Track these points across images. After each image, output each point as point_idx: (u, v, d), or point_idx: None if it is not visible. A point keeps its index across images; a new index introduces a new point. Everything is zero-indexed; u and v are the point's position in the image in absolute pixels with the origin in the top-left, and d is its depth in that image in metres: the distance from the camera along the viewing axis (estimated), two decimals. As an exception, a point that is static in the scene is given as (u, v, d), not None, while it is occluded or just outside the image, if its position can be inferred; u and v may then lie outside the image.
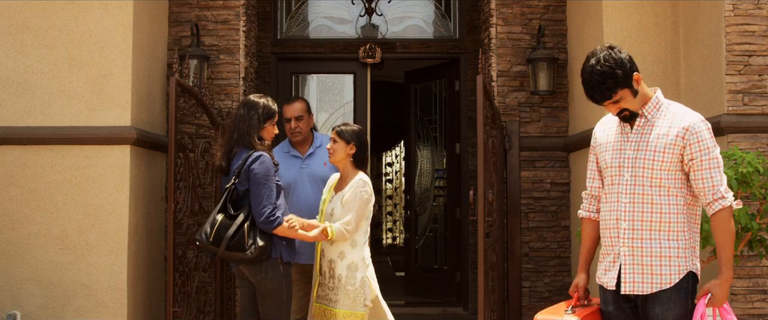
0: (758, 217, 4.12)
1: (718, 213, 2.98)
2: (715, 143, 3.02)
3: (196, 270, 5.20)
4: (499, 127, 5.70)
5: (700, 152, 2.98)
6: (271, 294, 3.91)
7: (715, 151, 3.01)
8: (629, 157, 3.08)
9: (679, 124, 3.02)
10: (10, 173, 4.97)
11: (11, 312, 4.82)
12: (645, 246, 3.03)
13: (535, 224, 5.91)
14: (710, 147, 2.99)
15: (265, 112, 4.03)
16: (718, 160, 3.00)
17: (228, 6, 5.89)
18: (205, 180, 5.31)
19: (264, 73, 7.11)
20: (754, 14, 4.66)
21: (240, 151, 3.96)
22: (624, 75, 3.00)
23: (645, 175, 3.04)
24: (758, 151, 4.54)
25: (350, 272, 4.04)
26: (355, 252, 4.09)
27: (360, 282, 4.05)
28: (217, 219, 3.85)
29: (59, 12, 5.05)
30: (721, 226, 2.98)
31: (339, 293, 4.05)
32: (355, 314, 4.03)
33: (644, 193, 3.04)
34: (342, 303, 4.04)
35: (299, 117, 4.75)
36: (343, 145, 4.15)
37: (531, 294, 5.88)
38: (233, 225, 3.81)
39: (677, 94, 5.23)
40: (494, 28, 6.00)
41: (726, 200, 2.96)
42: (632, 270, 3.04)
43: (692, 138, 2.99)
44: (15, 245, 4.93)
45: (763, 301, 4.54)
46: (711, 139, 3.00)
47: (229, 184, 3.91)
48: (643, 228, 3.03)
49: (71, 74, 5.03)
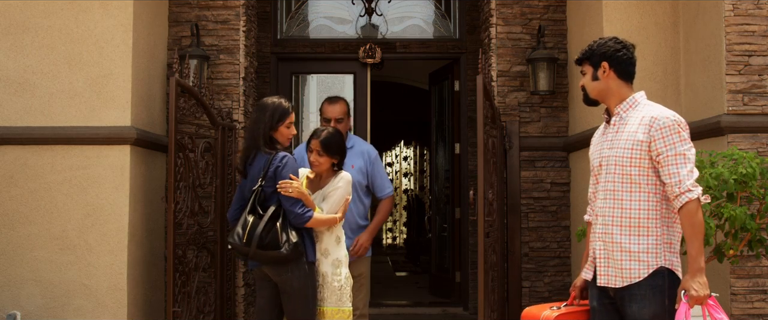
0: (758, 217, 4.12)
1: (684, 207, 2.99)
2: (683, 138, 3.03)
3: (196, 270, 5.20)
4: (499, 127, 5.70)
5: (665, 147, 3.02)
6: (297, 294, 3.92)
7: (682, 146, 3.02)
8: (605, 155, 3.17)
9: (646, 120, 3.08)
10: (10, 173, 4.97)
11: (11, 312, 4.82)
12: (615, 242, 3.09)
13: (535, 224, 5.91)
14: (676, 142, 3.02)
15: (274, 113, 4.01)
16: (686, 155, 3.01)
17: (228, 6, 5.89)
18: (205, 180, 5.31)
19: (264, 73, 7.11)
20: (754, 14, 4.66)
21: (257, 153, 3.97)
22: (595, 54, 3.19)
23: (616, 172, 3.11)
24: (758, 151, 4.54)
25: (335, 269, 4.09)
26: (339, 249, 4.15)
27: (344, 277, 4.10)
28: (249, 221, 3.86)
29: (59, 12, 5.05)
30: (687, 219, 2.99)
31: (325, 291, 4.09)
32: (342, 310, 4.07)
33: (615, 190, 3.11)
34: (328, 300, 4.08)
35: (340, 119, 4.70)
36: (328, 159, 4.18)
37: (531, 294, 5.88)
38: (262, 224, 3.82)
39: (677, 94, 5.23)
40: (494, 28, 6.00)
41: (692, 193, 2.97)
42: (606, 264, 3.12)
43: (657, 134, 3.03)
44: (15, 245, 4.93)
45: (763, 301, 4.54)
46: (677, 135, 3.03)
47: (257, 187, 3.92)
48: (612, 224, 3.11)
49: (71, 74, 5.03)
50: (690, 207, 2.98)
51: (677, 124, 3.04)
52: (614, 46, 3.18)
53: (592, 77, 3.22)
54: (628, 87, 3.21)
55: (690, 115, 5.11)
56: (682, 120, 3.09)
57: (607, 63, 3.18)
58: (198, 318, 5.19)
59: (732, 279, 4.54)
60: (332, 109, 4.73)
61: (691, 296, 2.94)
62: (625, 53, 3.18)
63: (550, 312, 3.25)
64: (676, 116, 3.08)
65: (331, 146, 4.17)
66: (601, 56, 3.19)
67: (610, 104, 3.22)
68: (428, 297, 8.38)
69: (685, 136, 3.05)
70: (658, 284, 3.03)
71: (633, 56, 3.22)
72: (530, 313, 3.34)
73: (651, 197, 3.06)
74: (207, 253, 5.35)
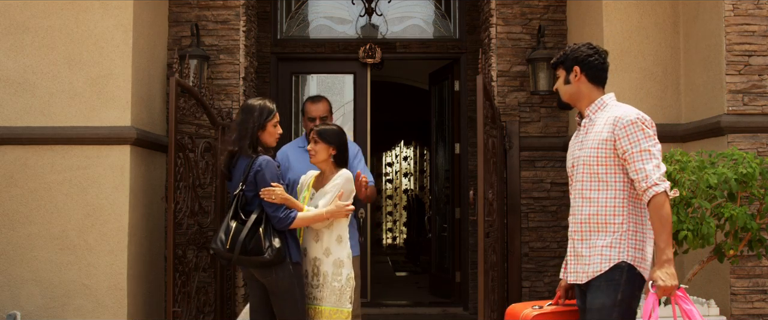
0: (758, 217, 4.12)
1: (652, 200, 3.03)
2: (647, 135, 3.08)
3: (196, 270, 5.20)
4: (499, 127, 5.70)
5: (630, 145, 3.08)
6: (284, 294, 3.93)
7: (647, 142, 3.07)
8: (576, 156, 3.25)
9: (610, 120, 3.15)
10: (10, 173, 4.97)
11: (11, 312, 4.81)
12: (584, 239, 3.16)
13: (535, 224, 5.91)
14: (640, 139, 3.07)
15: (262, 112, 4.02)
16: (651, 151, 3.06)
17: (228, 6, 5.89)
18: (205, 181, 5.31)
19: (264, 73, 7.11)
20: (754, 14, 4.66)
21: (241, 156, 3.97)
22: (568, 58, 3.29)
23: (585, 172, 3.18)
24: (758, 151, 4.54)
25: (336, 268, 4.05)
26: (341, 249, 4.10)
27: (346, 278, 4.07)
28: (232, 226, 3.86)
29: (59, 12, 5.05)
30: (654, 212, 3.03)
31: (324, 290, 4.05)
32: (340, 311, 4.04)
33: (584, 189, 3.19)
34: (327, 300, 4.05)
35: (324, 117, 4.76)
36: (325, 146, 4.16)
37: (531, 294, 5.88)
38: (245, 230, 3.83)
39: (677, 94, 5.23)
40: (494, 28, 6.00)
41: (659, 187, 3.02)
42: (575, 261, 3.20)
43: (621, 132, 3.10)
44: (15, 245, 4.93)
45: (763, 301, 4.54)
46: (641, 132, 3.08)
47: (238, 191, 3.92)
48: (582, 222, 3.18)
49: (71, 74, 5.03)
50: (657, 200, 3.01)
51: (641, 122, 3.10)
52: (586, 52, 3.27)
53: (565, 81, 3.32)
54: (599, 91, 3.29)
55: (690, 115, 5.11)
56: (647, 118, 3.14)
57: (578, 67, 3.27)
58: (198, 318, 5.19)
59: (732, 279, 4.54)
60: (315, 107, 4.77)
61: (658, 287, 2.98)
62: (596, 58, 3.27)
63: (530, 311, 3.32)
64: (640, 114, 3.13)
65: (327, 133, 4.16)
66: (573, 61, 3.28)
67: (581, 107, 3.31)
68: (428, 297, 8.38)
69: (650, 133, 3.10)
70: (614, 277, 3.08)
71: (605, 62, 3.30)
72: (513, 311, 3.41)
73: (618, 194, 3.12)
74: (207, 253, 5.35)
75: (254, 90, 6.34)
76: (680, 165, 4.11)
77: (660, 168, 3.06)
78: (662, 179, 3.03)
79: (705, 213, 4.00)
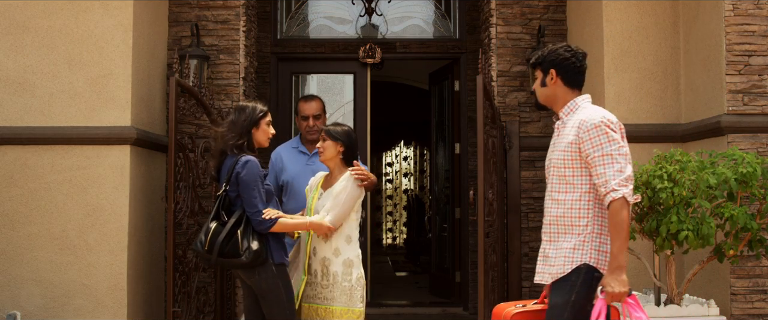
0: (758, 217, 4.12)
1: (610, 206, 3.04)
2: (611, 138, 3.07)
3: (196, 270, 5.20)
4: (499, 127, 5.70)
5: (592, 148, 3.08)
6: (269, 295, 3.92)
7: (610, 146, 3.06)
8: (549, 159, 3.28)
9: (576, 123, 3.15)
10: (10, 173, 4.97)
11: (11, 312, 4.81)
12: (552, 240, 3.20)
13: (535, 224, 5.91)
14: (603, 142, 3.06)
15: (254, 110, 4.02)
16: (613, 155, 3.05)
17: (228, 6, 5.89)
18: (205, 181, 5.31)
19: (264, 73, 7.11)
20: (754, 14, 4.66)
21: (228, 156, 3.96)
22: (545, 61, 3.27)
23: (556, 174, 3.21)
24: (758, 151, 4.54)
25: (346, 268, 4.04)
26: (351, 249, 4.09)
27: (356, 278, 4.06)
28: (211, 227, 3.87)
29: (59, 12, 5.05)
30: (611, 218, 3.04)
31: (334, 290, 4.04)
32: (352, 311, 4.03)
33: (553, 191, 3.22)
34: (338, 300, 4.03)
35: (317, 116, 4.77)
36: (332, 144, 4.17)
37: (531, 294, 5.87)
38: (224, 232, 3.82)
39: (677, 94, 5.23)
40: (494, 28, 6.00)
41: (617, 193, 3.01)
42: (544, 261, 3.23)
43: (585, 135, 3.10)
44: (15, 245, 4.93)
45: (763, 301, 4.54)
46: (605, 135, 3.07)
47: (221, 191, 3.92)
48: (549, 223, 3.23)
49: (71, 74, 5.03)
50: (614, 206, 3.02)
51: (604, 125, 3.08)
52: (563, 55, 3.26)
53: (541, 83, 3.32)
54: (574, 93, 3.28)
55: (690, 115, 5.11)
56: (613, 120, 3.13)
57: (554, 70, 3.26)
58: (198, 318, 5.19)
59: (732, 279, 4.54)
60: (308, 106, 4.78)
61: (607, 293, 3.00)
62: (573, 62, 3.25)
63: (512, 309, 3.36)
64: (605, 117, 3.12)
65: (335, 131, 4.18)
66: (550, 63, 3.27)
67: (557, 109, 3.31)
68: (428, 297, 8.38)
69: (614, 136, 3.08)
70: (571, 279, 3.11)
71: (582, 64, 3.28)
72: (499, 310, 3.45)
73: (583, 197, 3.13)
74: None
75: (254, 90, 6.34)
76: (680, 166, 4.11)
77: (623, 172, 3.04)
78: (623, 184, 3.02)
79: (705, 213, 4.00)
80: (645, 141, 5.14)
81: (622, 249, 3.01)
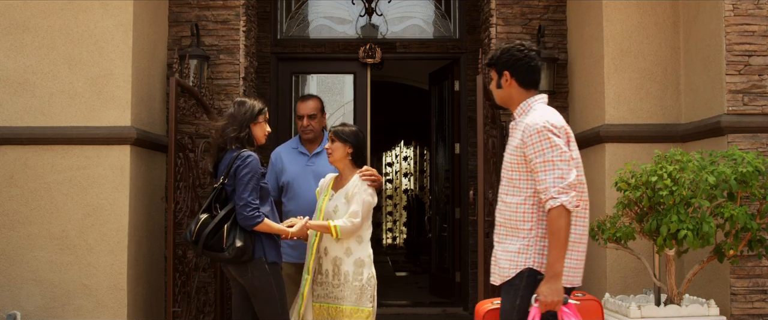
0: (758, 217, 4.12)
1: (548, 213, 3.02)
2: (553, 144, 3.04)
3: (196, 270, 5.20)
4: (499, 127, 5.70)
5: (534, 154, 3.06)
6: (261, 293, 3.92)
7: (552, 152, 3.03)
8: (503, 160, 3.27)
9: (522, 126, 3.14)
10: (10, 173, 4.97)
11: (11, 312, 4.82)
12: (500, 242, 3.21)
13: (535, 224, 5.90)
14: (545, 148, 3.03)
15: (253, 106, 4.04)
16: (554, 162, 3.02)
17: (228, 6, 5.89)
18: (205, 181, 5.31)
19: (264, 73, 7.11)
20: (754, 14, 4.66)
21: (228, 151, 3.96)
22: (498, 62, 3.25)
23: (505, 176, 3.21)
24: (758, 151, 4.54)
25: (357, 268, 4.07)
26: (362, 249, 4.12)
27: (367, 278, 4.07)
28: (200, 219, 3.87)
29: (59, 12, 5.05)
30: (549, 225, 3.02)
31: (345, 289, 4.06)
32: (361, 310, 4.04)
33: (502, 193, 3.23)
34: (348, 299, 4.06)
35: (312, 115, 4.76)
36: (341, 145, 4.20)
37: (531, 294, 5.87)
38: (211, 224, 3.82)
39: (677, 94, 5.23)
40: (494, 28, 6.00)
41: (556, 200, 2.98)
42: (494, 262, 3.23)
43: (528, 140, 3.08)
44: (15, 245, 4.93)
45: (763, 301, 4.54)
46: (547, 141, 3.04)
47: (218, 184, 3.92)
48: (499, 225, 3.23)
49: (71, 74, 5.03)
50: (552, 214, 3.00)
51: (547, 130, 3.05)
52: (516, 55, 3.22)
53: (497, 85, 3.29)
54: (529, 94, 3.25)
55: (690, 115, 5.11)
56: (558, 125, 3.09)
57: (508, 72, 3.23)
58: (198, 318, 5.19)
59: (732, 279, 4.54)
60: (304, 105, 4.78)
61: (540, 302, 2.98)
62: (527, 62, 3.22)
63: (488, 305, 3.46)
64: (548, 122, 3.08)
65: (343, 132, 4.21)
66: (503, 65, 3.24)
67: (512, 110, 3.29)
68: (428, 297, 8.38)
69: (557, 142, 3.04)
70: (515, 283, 3.11)
71: (535, 64, 3.25)
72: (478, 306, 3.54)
73: (528, 200, 3.12)
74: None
75: (254, 90, 6.34)
76: (680, 165, 4.11)
77: (564, 179, 3.00)
78: (563, 191, 2.99)
79: (705, 213, 4.00)
80: (645, 141, 5.14)
81: (558, 257, 2.98)
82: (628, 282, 5.09)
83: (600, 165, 5.24)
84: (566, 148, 3.06)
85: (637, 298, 4.63)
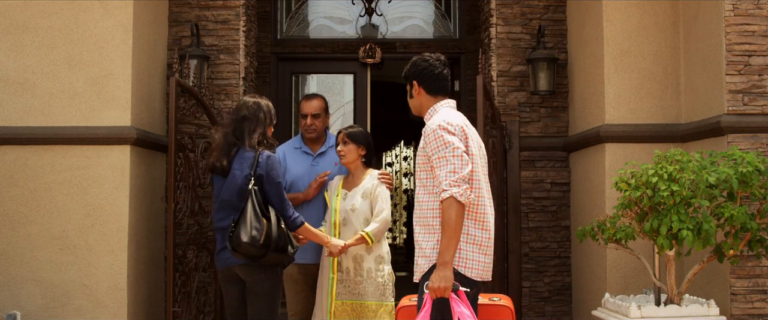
0: (758, 217, 4.12)
1: (440, 204, 3.16)
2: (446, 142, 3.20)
3: (196, 270, 5.20)
4: (499, 127, 5.70)
5: (432, 152, 3.24)
6: (266, 296, 3.90)
7: (445, 149, 3.19)
8: None
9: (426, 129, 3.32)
10: (10, 173, 4.97)
11: (11, 312, 4.82)
12: (417, 240, 3.33)
13: (535, 224, 5.91)
14: (440, 146, 3.21)
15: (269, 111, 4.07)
16: (446, 157, 3.18)
17: (228, 6, 5.89)
18: (205, 181, 5.31)
19: (264, 73, 7.11)
20: (754, 14, 4.66)
21: (241, 149, 3.93)
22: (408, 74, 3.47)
23: (418, 176, 3.36)
24: (758, 151, 4.54)
25: (377, 264, 4.24)
26: (381, 246, 4.28)
27: (387, 274, 4.24)
28: (264, 223, 3.79)
29: (59, 12, 5.05)
30: (441, 215, 3.17)
31: (368, 286, 4.20)
32: (384, 305, 4.18)
33: (417, 193, 3.36)
34: (371, 295, 4.20)
35: (316, 114, 4.75)
36: (355, 147, 4.37)
37: (531, 294, 5.88)
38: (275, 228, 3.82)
39: (677, 94, 5.23)
40: (494, 28, 6.00)
41: (446, 192, 3.14)
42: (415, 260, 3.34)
43: (427, 140, 3.27)
44: (15, 245, 4.93)
45: (763, 301, 4.54)
46: (440, 139, 3.21)
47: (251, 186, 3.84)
48: (416, 224, 3.36)
49: (71, 74, 5.03)
50: (442, 205, 3.14)
51: (441, 129, 3.23)
52: (421, 65, 3.44)
53: (409, 95, 3.48)
54: (437, 100, 3.44)
55: (690, 115, 5.11)
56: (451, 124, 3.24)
57: (416, 82, 3.44)
58: (198, 318, 5.19)
59: (732, 279, 4.54)
60: (309, 104, 4.78)
61: (430, 288, 3.12)
62: (431, 70, 3.42)
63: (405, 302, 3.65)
64: (443, 121, 3.25)
65: (356, 135, 4.36)
66: (411, 76, 3.46)
67: (423, 117, 3.46)
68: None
69: (449, 139, 3.21)
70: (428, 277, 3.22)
71: (440, 71, 3.44)
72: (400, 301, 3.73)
73: (435, 198, 3.26)
74: (207, 253, 5.35)
75: (254, 90, 6.34)
76: (680, 165, 4.11)
77: (457, 172, 3.16)
78: (454, 184, 3.13)
79: (705, 213, 4.00)
80: (645, 141, 5.14)
81: (448, 246, 3.12)
82: (628, 282, 5.09)
83: (600, 165, 5.24)
84: (460, 144, 3.21)
85: (637, 298, 4.63)
